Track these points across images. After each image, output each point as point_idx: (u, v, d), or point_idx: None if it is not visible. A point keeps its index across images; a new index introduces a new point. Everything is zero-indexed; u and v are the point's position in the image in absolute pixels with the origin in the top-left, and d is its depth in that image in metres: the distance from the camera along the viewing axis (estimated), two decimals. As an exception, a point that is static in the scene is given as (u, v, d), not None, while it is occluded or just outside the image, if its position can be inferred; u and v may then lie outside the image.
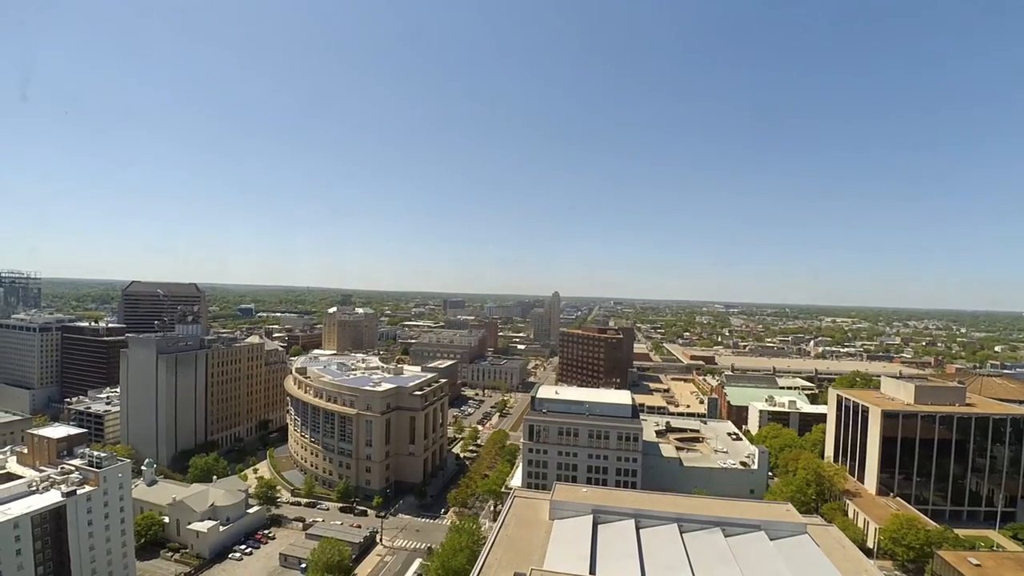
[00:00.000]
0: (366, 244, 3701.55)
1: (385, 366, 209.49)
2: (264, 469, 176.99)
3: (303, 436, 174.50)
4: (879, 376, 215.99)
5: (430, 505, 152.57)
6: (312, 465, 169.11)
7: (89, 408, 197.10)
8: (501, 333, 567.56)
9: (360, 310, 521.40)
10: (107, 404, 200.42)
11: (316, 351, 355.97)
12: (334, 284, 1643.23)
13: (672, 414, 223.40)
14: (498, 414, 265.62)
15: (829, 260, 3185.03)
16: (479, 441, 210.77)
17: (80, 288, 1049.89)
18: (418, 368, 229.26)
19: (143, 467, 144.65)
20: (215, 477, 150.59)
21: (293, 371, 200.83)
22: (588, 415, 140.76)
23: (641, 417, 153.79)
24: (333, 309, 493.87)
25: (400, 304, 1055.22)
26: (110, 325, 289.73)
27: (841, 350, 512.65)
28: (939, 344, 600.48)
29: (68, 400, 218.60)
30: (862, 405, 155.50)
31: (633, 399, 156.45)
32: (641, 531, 74.33)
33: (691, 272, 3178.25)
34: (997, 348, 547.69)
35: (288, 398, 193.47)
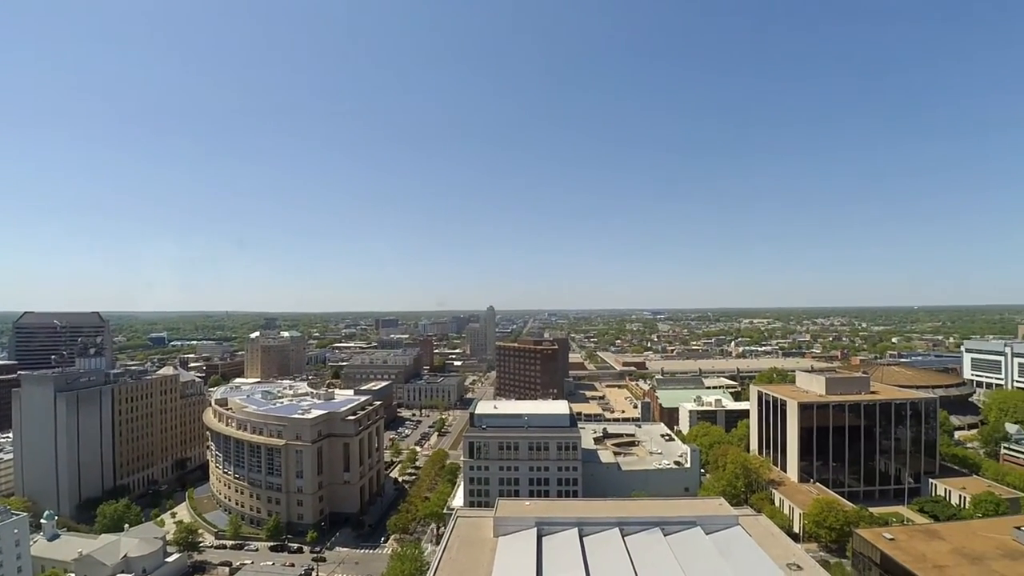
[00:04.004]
0: (290, 265, 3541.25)
1: (315, 391, 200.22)
2: (183, 512, 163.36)
3: (226, 473, 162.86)
4: (794, 371, 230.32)
5: (369, 535, 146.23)
6: (237, 503, 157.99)
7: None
8: (437, 350, 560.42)
9: (286, 334, 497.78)
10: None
11: (238, 380, 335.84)
12: (256, 307, 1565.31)
13: (608, 420, 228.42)
14: (436, 433, 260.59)
15: (744, 264, 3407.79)
16: (418, 463, 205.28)
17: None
18: (351, 391, 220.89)
19: (42, 520, 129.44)
20: (127, 525, 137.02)
21: (213, 403, 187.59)
22: (527, 428, 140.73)
23: (579, 425, 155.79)
24: (256, 334, 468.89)
25: (329, 326, 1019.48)
26: (0, 362, 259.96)
27: (759, 349, 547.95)
28: (844, 339, 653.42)
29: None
30: (780, 399, 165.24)
31: (570, 408, 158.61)
32: (584, 539, 74.95)
33: (620, 281, 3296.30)
34: (894, 340, 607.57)
35: (208, 432, 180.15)
